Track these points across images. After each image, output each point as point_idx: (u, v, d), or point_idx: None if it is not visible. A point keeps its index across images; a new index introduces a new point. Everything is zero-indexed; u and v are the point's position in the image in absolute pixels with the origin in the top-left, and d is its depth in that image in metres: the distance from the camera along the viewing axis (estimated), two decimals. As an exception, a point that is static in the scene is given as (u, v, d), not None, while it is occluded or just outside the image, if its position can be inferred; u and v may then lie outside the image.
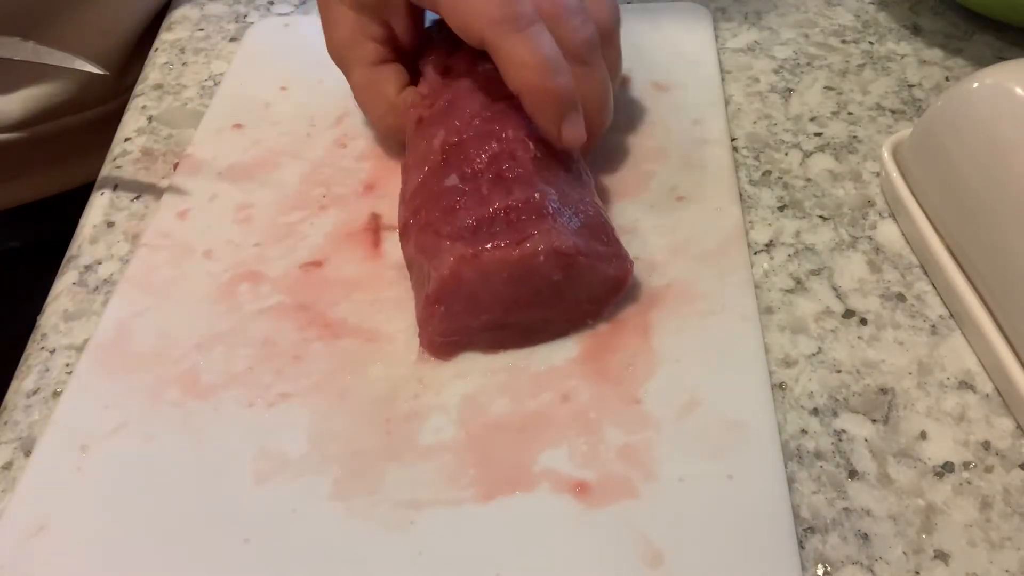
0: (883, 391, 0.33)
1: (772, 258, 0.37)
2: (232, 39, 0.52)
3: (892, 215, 0.39)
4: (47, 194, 0.58)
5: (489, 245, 0.31)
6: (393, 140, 0.40)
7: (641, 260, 0.37)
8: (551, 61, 0.33)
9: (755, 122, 0.44)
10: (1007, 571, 0.28)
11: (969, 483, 0.30)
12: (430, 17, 0.41)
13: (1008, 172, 0.31)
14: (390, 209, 0.39)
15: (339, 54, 0.40)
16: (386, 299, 0.36)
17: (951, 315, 0.35)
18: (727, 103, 0.45)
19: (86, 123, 0.57)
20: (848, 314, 0.35)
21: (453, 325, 0.33)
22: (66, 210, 0.43)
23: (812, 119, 0.44)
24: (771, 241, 0.38)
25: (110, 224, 0.42)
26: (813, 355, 0.34)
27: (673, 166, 0.41)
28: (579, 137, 0.34)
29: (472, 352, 0.34)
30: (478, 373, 0.33)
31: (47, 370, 0.36)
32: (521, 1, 0.33)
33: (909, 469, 0.30)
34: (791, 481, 0.30)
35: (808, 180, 0.41)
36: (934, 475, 0.30)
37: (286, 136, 0.44)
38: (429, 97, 0.38)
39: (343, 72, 0.41)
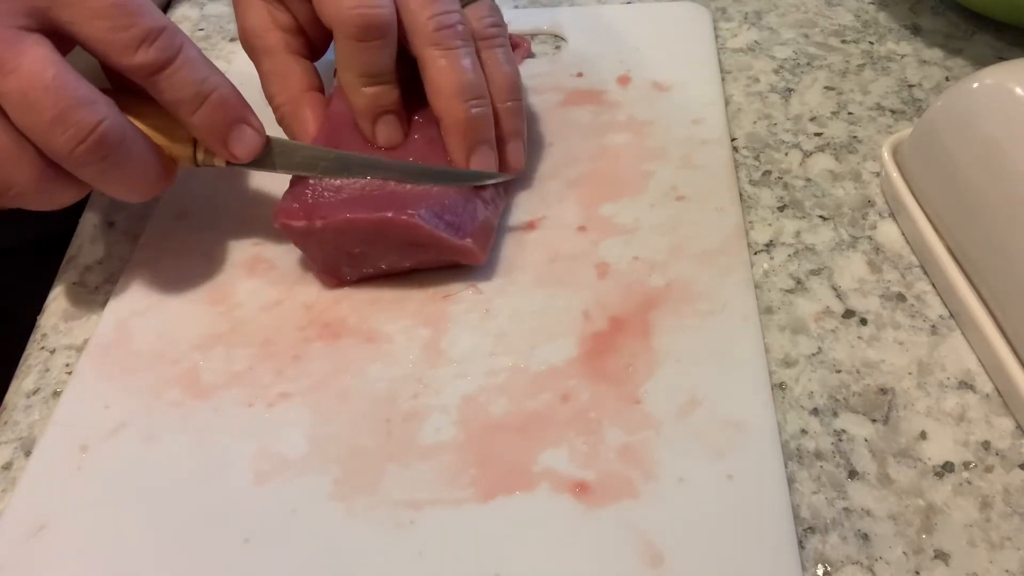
0: (883, 391, 0.33)
1: (772, 258, 0.37)
2: (232, 39, 0.52)
3: (892, 215, 0.39)
4: None
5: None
6: (287, 132, 0.39)
7: (641, 260, 0.37)
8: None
9: (755, 122, 0.44)
10: (1007, 571, 0.28)
11: (969, 483, 0.30)
12: None
13: (1008, 172, 0.31)
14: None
15: (248, 42, 0.39)
16: (386, 299, 0.36)
17: (951, 315, 0.35)
18: (727, 103, 0.45)
19: None
20: (848, 314, 0.35)
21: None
22: (66, 210, 0.43)
23: (812, 119, 0.44)
24: (771, 241, 0.38)
25: (110, 224, 0.42)
26: (813, 355, 0.34)
27: (673, 166, 0.41)
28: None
29: (465, 351, 0.34)
30: (478, 373, 0.33)
31: (47, 370, 0.36)
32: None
33: (909, 469, 0.30)
34: (791, 481, 0.30)
35: (808, 180, 0.41)
36: (934, 475, 0.30)
37: (286, 136, 0.44)
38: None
39: (252, 61, 0.39)
